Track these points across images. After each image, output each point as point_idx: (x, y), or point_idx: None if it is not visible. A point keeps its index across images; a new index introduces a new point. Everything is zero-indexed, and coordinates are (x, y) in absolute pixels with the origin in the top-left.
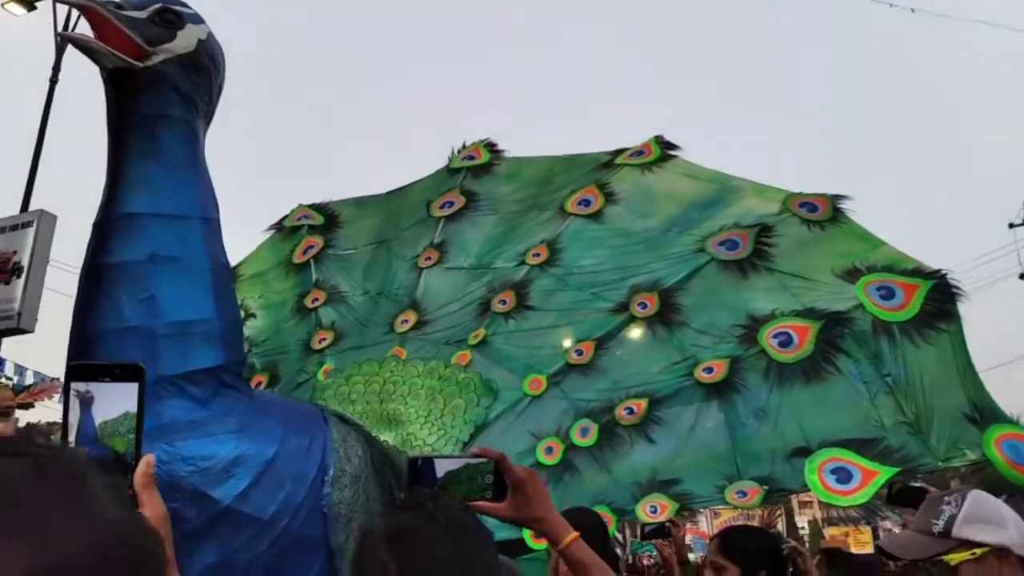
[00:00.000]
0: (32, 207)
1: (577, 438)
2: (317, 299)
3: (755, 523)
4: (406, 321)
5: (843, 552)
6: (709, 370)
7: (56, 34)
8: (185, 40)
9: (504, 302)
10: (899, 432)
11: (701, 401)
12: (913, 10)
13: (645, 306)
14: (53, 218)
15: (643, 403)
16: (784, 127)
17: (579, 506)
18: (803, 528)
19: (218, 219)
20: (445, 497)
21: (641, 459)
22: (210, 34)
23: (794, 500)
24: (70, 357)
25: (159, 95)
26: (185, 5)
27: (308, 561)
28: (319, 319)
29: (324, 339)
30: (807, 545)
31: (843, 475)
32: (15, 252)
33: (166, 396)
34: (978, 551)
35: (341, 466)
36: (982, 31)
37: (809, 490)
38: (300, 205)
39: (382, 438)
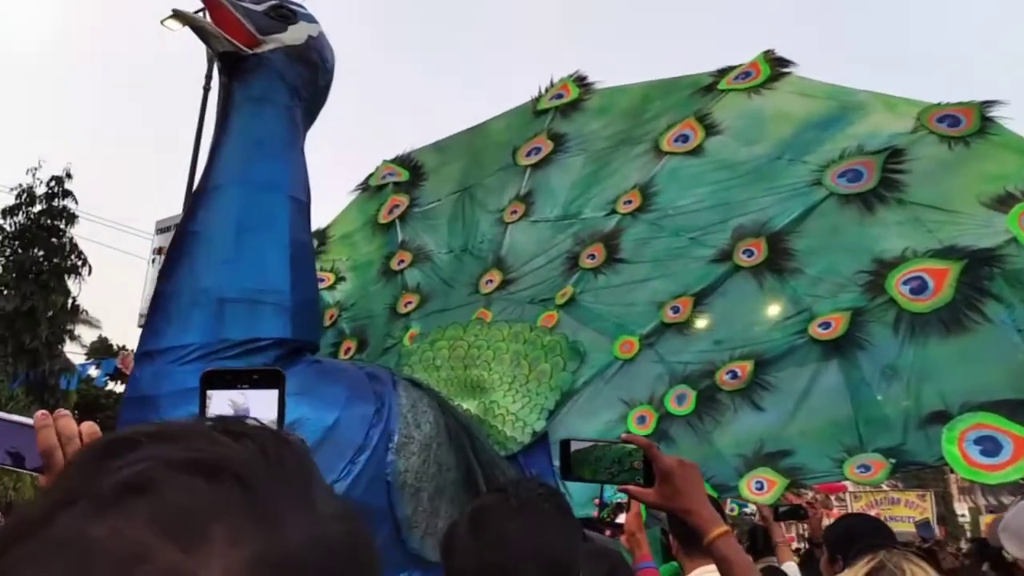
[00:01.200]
0: None
1: (672, 406)
2: (403, 261)
3: (901, 507)
4: (491, 281)
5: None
6: (826, 325)
7: (172, 9)
8: (295, 34)
9: (593, 256)
10: None
11: (817, 361)
12: None
13: (751, 253)
14: None
15: (748, 365)
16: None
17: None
18: (963, 516)
19: (308, 204)
20: (528, 482)
21: (746, 428)
22: (321, 33)
23: (953, 484)
24: (148, 313)
25: (265, 80)
26: (300, 5)
27: (371, 532)
28: (404, 281)
29: (410, 302)
30: (968, 534)
31: (990, 445)
32: None
33: (227, 357)
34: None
35: (408, 433)
36: None
37: (946, 463)
38: (384, 161)
39: (464, 406)
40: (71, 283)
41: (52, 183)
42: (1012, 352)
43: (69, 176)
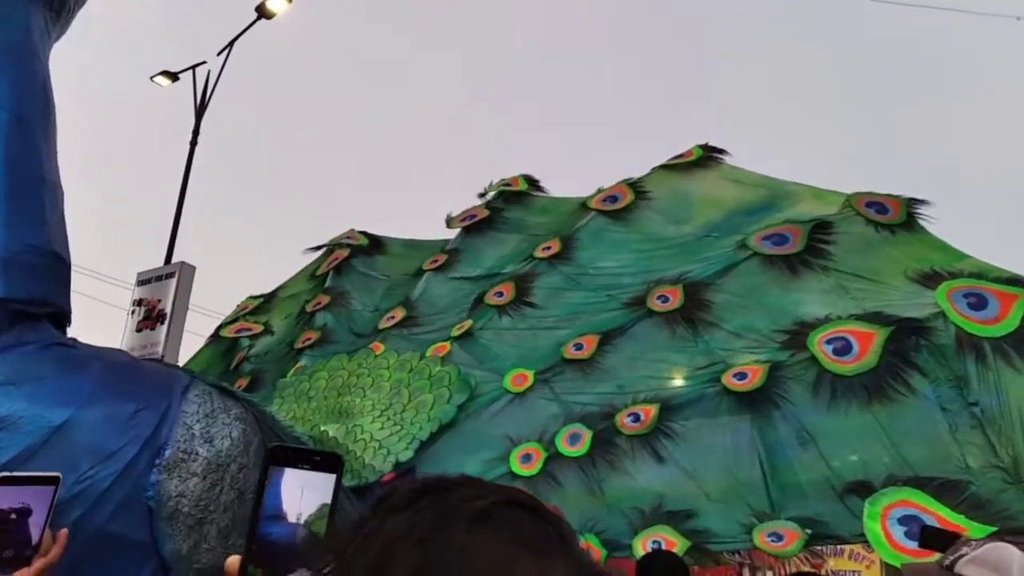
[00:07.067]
0: (174, 259)
1: (564, 446)
2: (319, 303)
3: (845, 559)
4: (392, 317)
5: None
6: (742, 376)
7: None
8: None
9: (500, 294)
10: (990, 479)
11: (729, 413)
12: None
13: (666, 300)
14: (192, 268)
15: (653, 409)
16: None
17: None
18: None
19: (41, 120)
20: None
21: (645, 480)
22: None
23: None
24: None
25: None
26: None
27: (122, 572)
28: (313, 321)
29: (308, 339)
30: None
31: (915, 528)
32: (159, 300)
33: None
34: None
35: (189, 447)
36: None
37: (867, 541)
38: (352, 229)
39: (323, 428)
40: None
41: None
42: (936, 430)
43: None
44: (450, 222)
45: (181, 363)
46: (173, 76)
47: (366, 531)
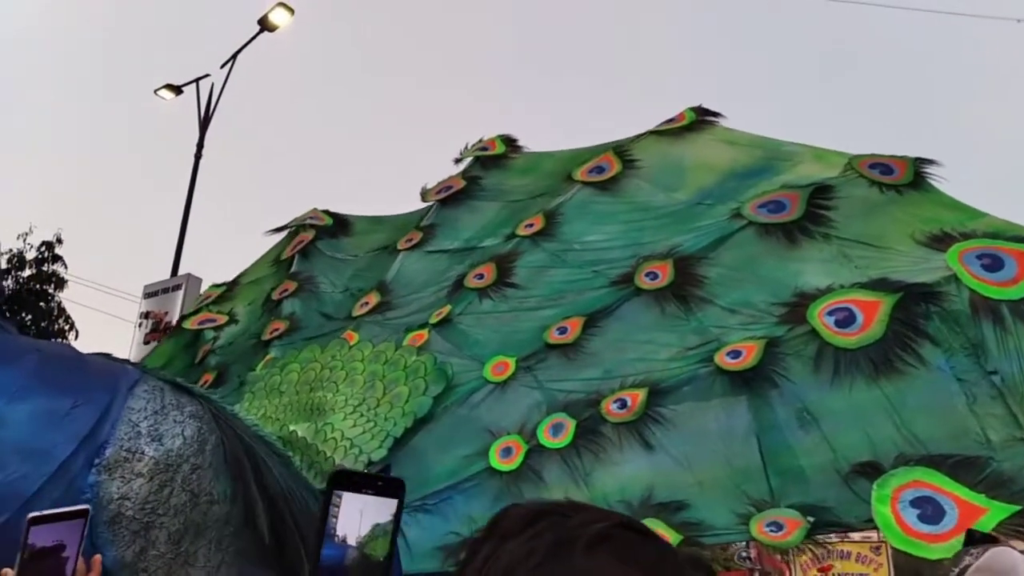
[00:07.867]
0: (180, 272)
1: (546, 437)
2: (286, 290)
3: (852, 563)
4: (366, 304)
5: None
6: (736, 354)
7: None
8: None
9: (481, 276)
10: (1014, 453)
11: (723, 395)
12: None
13: (655, 276)
14: (198, 281)
15: (640, 394)
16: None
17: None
18: None
19: None
20: None
21: (633, 470)
22: None
23: None
24: None
25: None
26: None
27: None
28: (280, 310)
29: (277, 329)
30: None
31: (931, 509)
32: (167, 312)
33: None
34: None
35: (134, 447)
36: None
37: (876, 527)
38: (315, 208)
39: (293, 428)
40: None
41: (43, 248)
42: (950, 402)
43: (59, 241)
44: (425, 195)
45: None
46: (177, 89)
47: (483, 556)
